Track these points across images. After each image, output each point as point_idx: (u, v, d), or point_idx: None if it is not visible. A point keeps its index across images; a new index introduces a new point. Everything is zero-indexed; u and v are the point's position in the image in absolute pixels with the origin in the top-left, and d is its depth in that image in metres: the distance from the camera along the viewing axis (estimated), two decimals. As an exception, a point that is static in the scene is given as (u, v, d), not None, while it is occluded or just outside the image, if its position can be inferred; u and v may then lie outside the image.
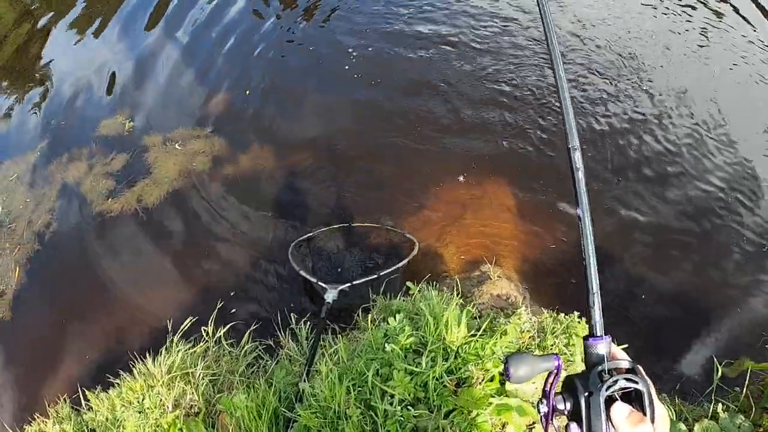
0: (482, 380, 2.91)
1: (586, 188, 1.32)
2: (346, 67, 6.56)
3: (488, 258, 4.70)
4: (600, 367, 1.15)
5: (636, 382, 1.11)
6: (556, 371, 1.26)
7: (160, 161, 5.74)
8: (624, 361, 1.17)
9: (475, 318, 3.47)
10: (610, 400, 1.11)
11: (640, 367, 1.16)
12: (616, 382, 1.11)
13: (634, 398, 1.12)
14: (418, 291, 3.82)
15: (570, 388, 1.18)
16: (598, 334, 1.21)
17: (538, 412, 1.23)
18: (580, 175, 1.33)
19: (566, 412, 1.19)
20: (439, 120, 5.90)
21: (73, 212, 5.52)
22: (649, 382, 1.14)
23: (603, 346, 1.19)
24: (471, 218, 5.04)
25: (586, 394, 1.13)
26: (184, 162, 5.73)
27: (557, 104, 5.86)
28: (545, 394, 1.22)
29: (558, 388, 1.24)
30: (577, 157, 1.35)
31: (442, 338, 3.05)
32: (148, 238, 5.25)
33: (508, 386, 2.88)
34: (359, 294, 4.32)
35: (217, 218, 5.30)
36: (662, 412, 1.13)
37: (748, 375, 3.46)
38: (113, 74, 7.06)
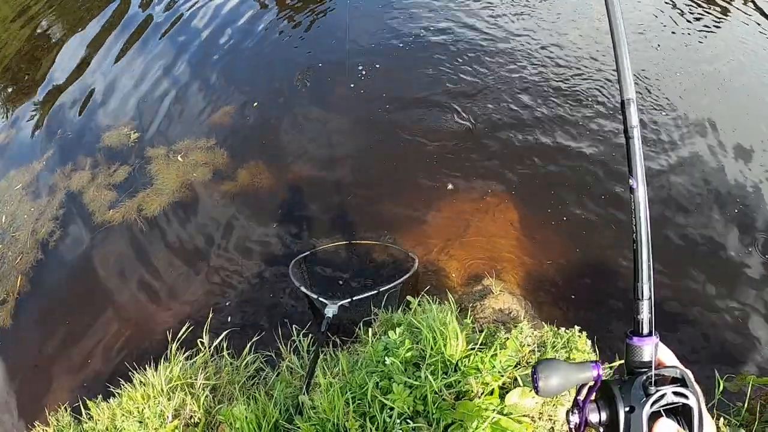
0: (482, 394, 2.91)
1: (642, 153, 1.07)
2: (352, 85, 6.61)
3: (490, 272, 4.71)
4: (645, 376, 1.00)
5: (686, 396, 0.96)
6: (593, 383, 1.06)
7: (162, 172, 5.79)
8: (674, 368, 1.02)
9: (476, 332, 3.48)
10: (653, 415, 0.96)
11: (691, 375, 1.01)
12: (663, 396, 0.96)
13: (680, 411, 0.98)
14: (419, 305, 3.82)
15: (607, 396, 1.03)
16: (645, 332, 1.05)
17: (568, 423, 1.07)
18: (636, 133, 1.08)
19: (600, 425, 1.04)
20: (442, 136, 5.93)
21: (76, 222, 5.56)
22: (700, 393, 0.99)
23: (649, 349, 1.04)
24: (474, 233, 5.06)
25: (627, 409, 0.98)
26: (186, 173, 5.79)
27: (575, 123, 5.94)
28: (577, 404, 1.06)
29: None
30: (633, 111, 1.10)
31: (442, 352, 3.05)
32: (149, 248, 5.28)
33: (508, 400, 2.88)
34: (360, 309, 4.34)
35: (218, 230, 5.34)
36: (711, 428, 0.99)
37: (750, 389, 3.44)
38: (120, 85, 7.13)
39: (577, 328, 3.51)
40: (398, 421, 2.78)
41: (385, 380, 3.00)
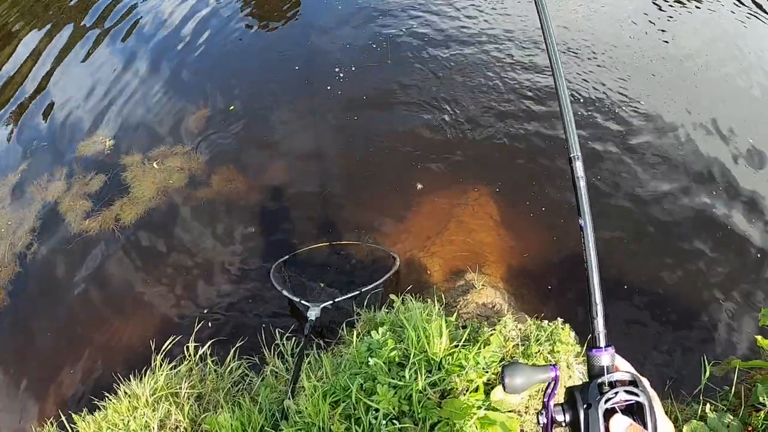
0: (467, 391, 2.91)
1: (588, 198, 1.28)
2: (329, 87, 6.60)
3: (472, 267, 4.71)
4: (600, 379, 1.14)
5: (637, 395, 1.08)
6: (553, 382, 1.24)
7: (138, 180, 5.74)
8: (626, 373, 1.15)
9: (459, 328, 3.47)
10: (610, 413, 1.09)
11: (644, 380, 1.14)
12: (616, 394, 1.09)
13: (636, 411, 1.09)
14: (402, 303, 3.82)
15: (570, 399, 1.16)
16: (601, 345, 1.19)
17: (538, 423, 1.20)
18: (582, 183, 1.29)
19: (565, 424, 1.17)
20: (419, 135, 5.95)
21: (54, 233, 5.49)
22: (653, 394, 1.12)
23: (605, 358, 1.17)
24: (454, 228, 5.07)
25: (585, 406, 1.11)
26: (162, 180, 5.74)
27: (545, 114, 5.99)
28: (545, 405, 1.20)
29: (561, 399, 1.21)
30: (579, 166, 1.30)
31: (425, 350, 3.05)
32: (128, 257, 5.23)
33: (493, 396, 2.88)
34: (343, 310, 4.33)
35: (197, 236, 5.30)
36: (666, 426, 1.10)
37: (736, 374, 3.47)
38: (93, 92, 7.04)
39: (560, 320, 3.51)
40: (384, 422, 2.77)
41: (369, 381, 2.99)
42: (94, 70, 7.43)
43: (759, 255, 4.95)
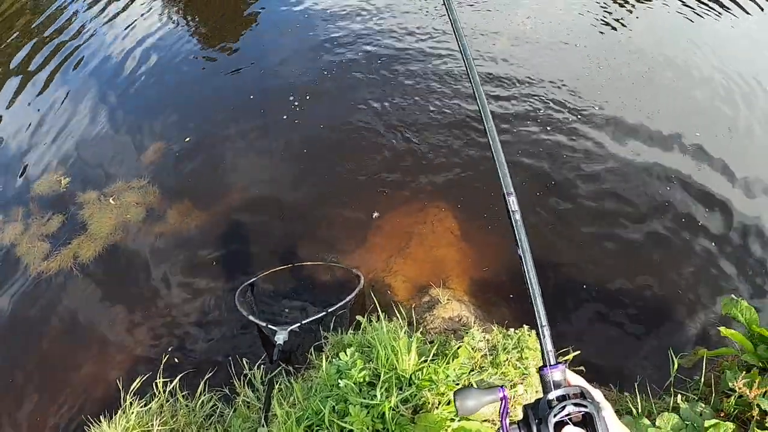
0: (438, 404, 2.94)
1: (525, 228, 1.37)
2: (285, 117, 6.62)
3: (436, 282, 4.76)
4: (551, 395, 1.18)
5: (585, 406, 1.13)
6: (503, 402, 1.29)
7: (96, 216, 5.65)
8: (576, 386, 1.20)
9: (427, 343, 3.50)
10: (561, 425, 1.13)
11: (596, 392, 1.21)
12: (563, 408, 1.13)
13: (589, 422, 1.13)
14: (369, 323, 3.83)
15: (525, 417, 1.21)
16: (551, 363, 1.24)
17: None
18: (518, 217, 1.39)
19: None
20: (376, 157, 6.04)
21: (12, 276, 5.34)
22: (605, 405, 1.18)
23: (556, 374, 1.22)
24: (415, 245, 5.12)
25: (537, 421, 1.16)
26: (119, 215, 5.67)
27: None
28: (501, 426, 1.24)
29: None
30: (513, 200, 1.41)
31: (395, 368, 3.07)
32: (89, 297, 5.12)
33: (465, 407, 2.90)
34: (311, 333, 4.32)
35: (158, 270, 5.24)
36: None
37: (704, 363, 3.55)
38: (48, 132, 6.92)
39: (526, 327, 3.57)
40: (358, 442, 2.78)
41: (341, 403, 3.00)
42: (45, 110, 7.29)
43: (714, 244, 5.12)
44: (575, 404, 1.14)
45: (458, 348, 3.27)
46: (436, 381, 3.00)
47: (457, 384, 3.03)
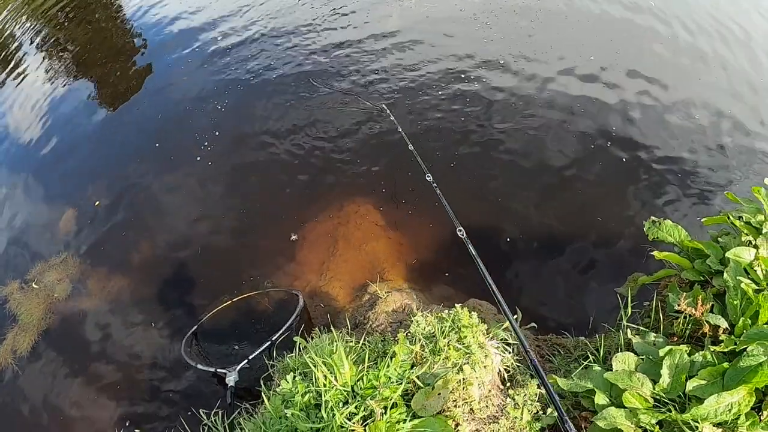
0: (386, 410, 2.91)
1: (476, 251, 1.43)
2: (198, 158, 6.52)
3: (373, 278, 4.74)
4: None
5: None
6: None
7: (23, 305, 5.48)
8: None
9: (364, 348, 3.47)
10: None
11: None
12: None
13: None
14: (310, 339, 3.78)
15: None
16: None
17: None
18: (471, 247, 1.59)
19: None
20: (290, 173, 6.06)
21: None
22: None
23: None
24: (344, 247, 5.09)
25: None
26: (46, 298, 5.50)
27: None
28: None
29: None
30: (463, 234, 1.65)
31: (334, 384, 3.03)
32: (35, 388, 4.95)
33: (414, 405, 2.89)
34: (262, 366, 4.25)
35: (97, 342, 5.11)
36: None
37: (656, 294, 3.57)
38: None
39: (458, 305, 3.56)
40: (315, 469, 2.74)
41: (291, 433, 2.96)
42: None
43: (628, 173, 5.22)
44: None
45: (395, 346, 3.24)
46: (377, 387, 2.97)
47: (401, 383, 3.01)
